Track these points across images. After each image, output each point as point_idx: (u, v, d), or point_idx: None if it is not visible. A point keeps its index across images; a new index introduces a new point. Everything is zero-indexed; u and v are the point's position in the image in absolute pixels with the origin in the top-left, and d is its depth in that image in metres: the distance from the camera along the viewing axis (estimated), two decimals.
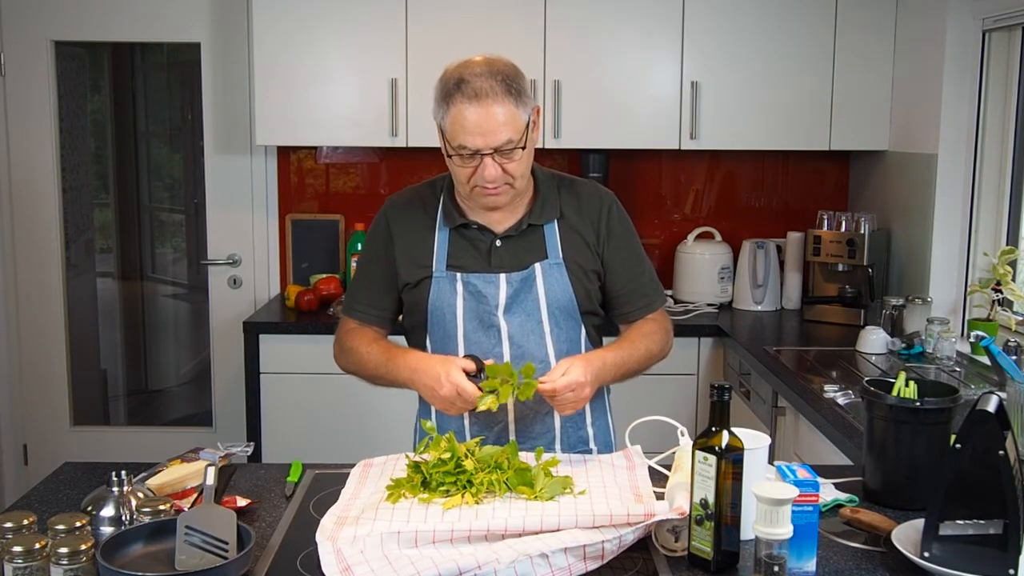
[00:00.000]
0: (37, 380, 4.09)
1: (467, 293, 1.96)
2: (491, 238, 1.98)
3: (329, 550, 1.47)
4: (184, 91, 4.55)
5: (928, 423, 1.72)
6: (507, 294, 1.96)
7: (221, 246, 4.08)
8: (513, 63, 1.89)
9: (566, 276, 1.98)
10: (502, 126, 1.81)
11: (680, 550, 1.53)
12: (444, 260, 1.98)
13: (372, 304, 2.07)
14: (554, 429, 2.03)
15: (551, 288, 1.97)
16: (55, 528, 1.42)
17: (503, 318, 1.96)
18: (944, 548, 1.45)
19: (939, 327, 2.98)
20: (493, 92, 1.80)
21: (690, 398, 3.55)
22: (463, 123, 1.81)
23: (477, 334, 1.97)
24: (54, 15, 3.90)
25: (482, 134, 1.81)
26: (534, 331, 1.98)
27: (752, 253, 3.83)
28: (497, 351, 1.97)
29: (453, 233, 1.99)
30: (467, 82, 1.80)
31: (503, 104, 1.81)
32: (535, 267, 1.97)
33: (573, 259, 1.99)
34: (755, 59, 3.63)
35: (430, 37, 3.57)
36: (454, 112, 1.82)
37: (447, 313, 1.97)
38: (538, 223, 1.99)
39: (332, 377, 3.53)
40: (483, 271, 1.97)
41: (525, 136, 1.86)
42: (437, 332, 2.00)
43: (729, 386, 1.51)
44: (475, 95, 1.79)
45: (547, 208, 1.99)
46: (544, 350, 1.98)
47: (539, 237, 1.99)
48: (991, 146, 3.25)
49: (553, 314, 1.98)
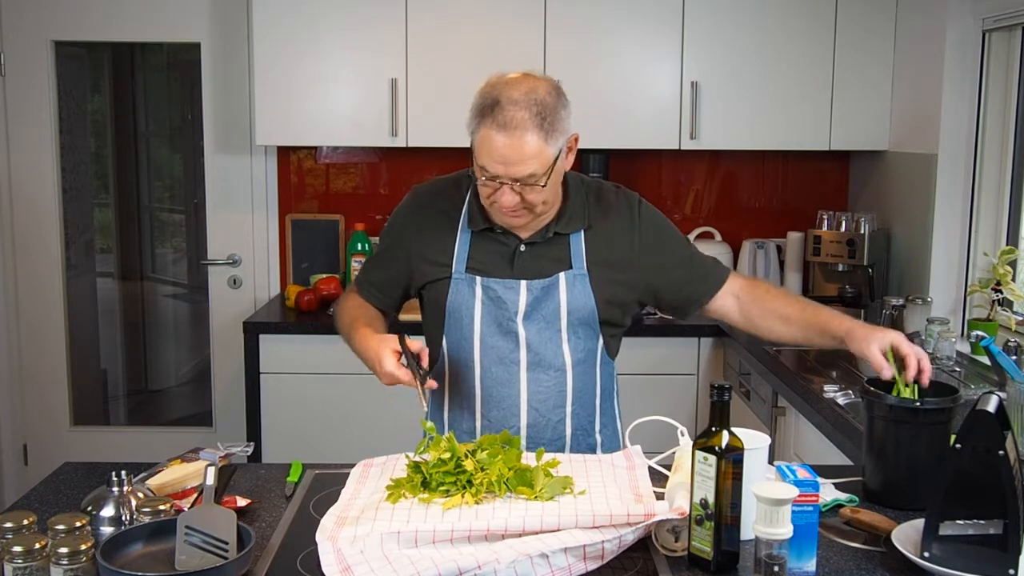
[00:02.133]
0: (37, 380, 4.09)
1: (486, 297, 1.95)
2: (515, 243, 1.96)
3: (329, 550, 1.47)
4: (184, 91, 4.55)
5: (928, 423, 1.72)
6: (527, 301, 1.94)
7: (221, 246, 4.08)
8: (557, 87, 1.83)
9: (588, 287, 1.95)
10: (527, 159, 1.77)
11: (680, 550, 1.53)
12: (464, 262, 1.96)
13: (379, 288, 2.10)
14: (564, 436, 2.02)
15: (573, 298, 1.95)
16: (55, 528, 1.42)
17: (522, 324, 1.95)
18: (944, 548, 1.45)
19: (939, 327, 2.98)
20: (524, 125, 1.75)
21: (690, 398, 3.55)
22: (488, 148, 1.78)
23: (495, 338, 1.96)
24: (54, 15, 3.90)
25: (504, 164, 1.77)
26: (552, 339, 1.97)
27: (752, 253, 3.84)
28: (514, 357, 1.96)
29: (476, 236, 1.97)
30: (502, 107, 1.75)
31: (532, 138, 1.75)
32: (559, 276, 1.95)
33: (598, 270, 1.96)
34: (755, 59, 3.63)
35: (430, 37, 3.57)
36: (483, 134, 1.78)
37: (464, 315, 1.97)
38: (564, 232, 1.96)
39: (332, 377, 3.56)
40: (505, 276, 1.95)
41: (551, 169, 1.81)
42: (453, 333, 2.00)
43: (729, 386, 1.51)
44: (504, 125, 1.75)
45: (575, 218, 1.96)
46: (561, 358, 1.98)
47: (564, 246, 1.96)
48: (991, 146, 3.25)
49: (572, 324, 1.96)
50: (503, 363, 1.97)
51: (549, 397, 1.99)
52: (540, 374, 1.97)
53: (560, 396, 2.00)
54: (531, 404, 1.98)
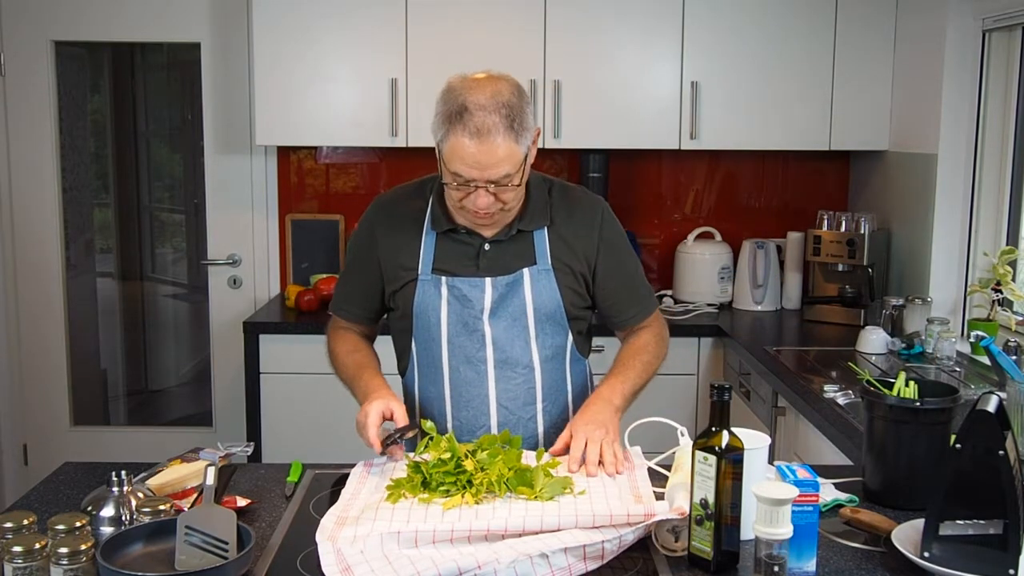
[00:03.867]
0: (37, 380, 4.09)
1: (452, 297, 1.96)
2: (479, 242, 1.97)
3: (329, 550, 1.47)
4: (184, 91, 4.54)
5: (928, 423, 1.72)
6: (492, 298, 1.95)
7: (221, 246, 4.08)
8: (518, 86, 1.85)
9: (554, 282, 1.97)
10: (501, 162, 1.79)
11: (680, 550, 1.53)
12: (430, 263, 1.97)
13: (356, 303, 2.09)
14: (537, 434, 2.03)
15: (538, 294, 1.96)
16: (55, 528, 1.42)
17: (488, 322, 1.96)
18: (944, 548, 1.45)
19: (939, 327, 2.99)
20: (495, 129, 1.77)
21: (690, 398, 3.55)
22: (461, 155, 1.79)
23: (461, 338, 1.97)
24: (54, 15, 3.89)
25: (479, 168, 1.79)
26: (519, 336, 1.97)
27: (752, 253, 3.83)
28: (481, 355, 1.97)
29: (440, 237, 1.98)
30: (471, 114, 1.77)
31: (504, 140, 1.78)
32: (523, 272, 1.96)
33: (562, 265, 1.98)
34: (755, 59, 3.63)
35: (430, 37, 3.57)
36: (453, 141, 1.79)
37: (431, 316, 1.97)
38: (528, 229, 1.97)
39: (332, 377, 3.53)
40: (470, 275, 1.96)
41: (522, 168, 1.84)
42: (422, 335, 2.00)
43: (729, 386, 1.51)
44: (476, 132, 1.76)
45: (537, 215, 1.98)
46: (529, 355, 1.98)
47: (528, 243, 1.98)
48: (991, 146, 3.25)
49: (539, 320, 1.97)
50: (470, 362, 1.97)
51: (518, 395, 2.00)
52: (508, 371, 1.98)
53: (530, 394, 2.00)
54: (500, 403, 1.99)
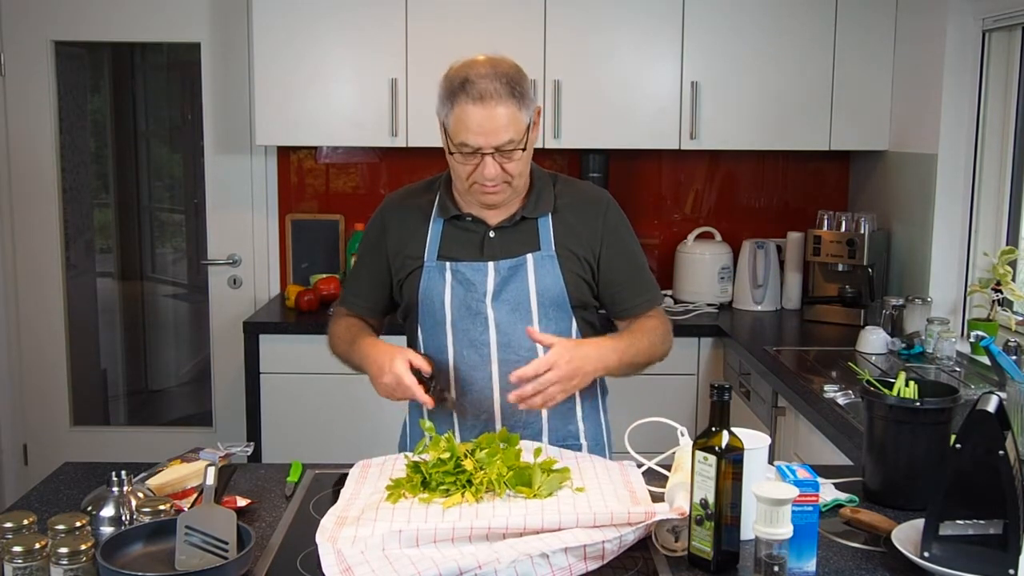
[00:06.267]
0: (37, 380, 4.09)
1: (455, 281, 1.99)
2: (484, 229, 2.01)
3: (329, 550, 1.47)
4: (184, 91, 4.54)
5: (928, 423, 1.72)
6: (495, 282, 1.98)
7: (221, 246, 4.08)
8: (516, 64, 1.92)
9: (557, 268, 1.99)
10: (504, 127, 1.85)
11: (680, 550, 1.53)
12: (436, 251, 2.01)
13: (363, 296, 2.13)
14: (541, 420, 2.03)
15: (542, 279, 1.98)
16: (55, 528, 1.42)
17: (491, 306, 1.98)
18: (944, 548, 1.45)
19: (939, 327, 2.98)
20: (497, 94, 1.84)
21: (690, 398, 3.55)
22: (467, 122, 1.85)
23: (464, 322, 1.99)
24: (54, 15, 3.90)
25: (484, 134, 1.85)
26: (522, 321, 1.98)
27: (752, 253, 3.83)
28: (484, 339, 1.98)
29: (447, 224, 2.02)
30: (472, 83, 1.84)
31: (506, 106, 1.85)
32: (527, 257, 1.98)
33: (566, 251, 2.00)
34: (755, 59, 3.63)
35: (430, 37, 3.57)
36: (458, 111, 1.86)
37: (436, 301, 2.00)
38: (532, 216, 2.01)
39: (332, 377, 3.55)
40: (474, 260, 1.99)
41: (526, 137, 1.90)
42: (428, 321, 2.03)
43: (729, 386, 1.51)
44: (480, 96, 1.83)
45: (541, 202, 2.02)
46: (531, 341, 1.99)
47: (532, 229, 2.01)
48: (991, 146, 3.25)
49: (543, 305, 1.99)
50: (474, 346, 1.99)
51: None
52: (511, 356, 1.98)
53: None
54: (503, 386, 1.99)
